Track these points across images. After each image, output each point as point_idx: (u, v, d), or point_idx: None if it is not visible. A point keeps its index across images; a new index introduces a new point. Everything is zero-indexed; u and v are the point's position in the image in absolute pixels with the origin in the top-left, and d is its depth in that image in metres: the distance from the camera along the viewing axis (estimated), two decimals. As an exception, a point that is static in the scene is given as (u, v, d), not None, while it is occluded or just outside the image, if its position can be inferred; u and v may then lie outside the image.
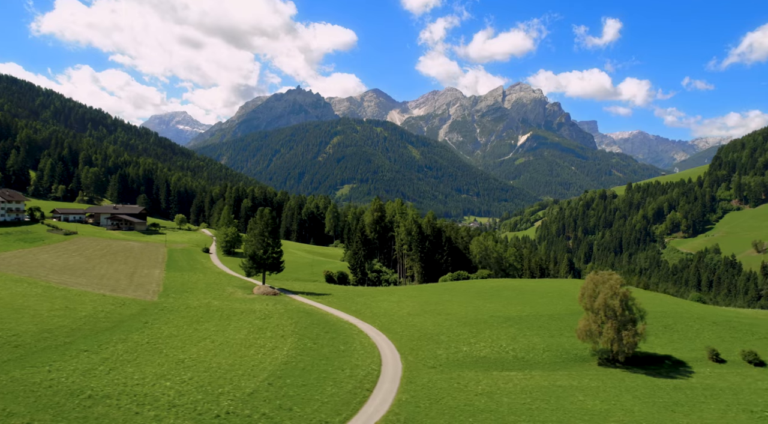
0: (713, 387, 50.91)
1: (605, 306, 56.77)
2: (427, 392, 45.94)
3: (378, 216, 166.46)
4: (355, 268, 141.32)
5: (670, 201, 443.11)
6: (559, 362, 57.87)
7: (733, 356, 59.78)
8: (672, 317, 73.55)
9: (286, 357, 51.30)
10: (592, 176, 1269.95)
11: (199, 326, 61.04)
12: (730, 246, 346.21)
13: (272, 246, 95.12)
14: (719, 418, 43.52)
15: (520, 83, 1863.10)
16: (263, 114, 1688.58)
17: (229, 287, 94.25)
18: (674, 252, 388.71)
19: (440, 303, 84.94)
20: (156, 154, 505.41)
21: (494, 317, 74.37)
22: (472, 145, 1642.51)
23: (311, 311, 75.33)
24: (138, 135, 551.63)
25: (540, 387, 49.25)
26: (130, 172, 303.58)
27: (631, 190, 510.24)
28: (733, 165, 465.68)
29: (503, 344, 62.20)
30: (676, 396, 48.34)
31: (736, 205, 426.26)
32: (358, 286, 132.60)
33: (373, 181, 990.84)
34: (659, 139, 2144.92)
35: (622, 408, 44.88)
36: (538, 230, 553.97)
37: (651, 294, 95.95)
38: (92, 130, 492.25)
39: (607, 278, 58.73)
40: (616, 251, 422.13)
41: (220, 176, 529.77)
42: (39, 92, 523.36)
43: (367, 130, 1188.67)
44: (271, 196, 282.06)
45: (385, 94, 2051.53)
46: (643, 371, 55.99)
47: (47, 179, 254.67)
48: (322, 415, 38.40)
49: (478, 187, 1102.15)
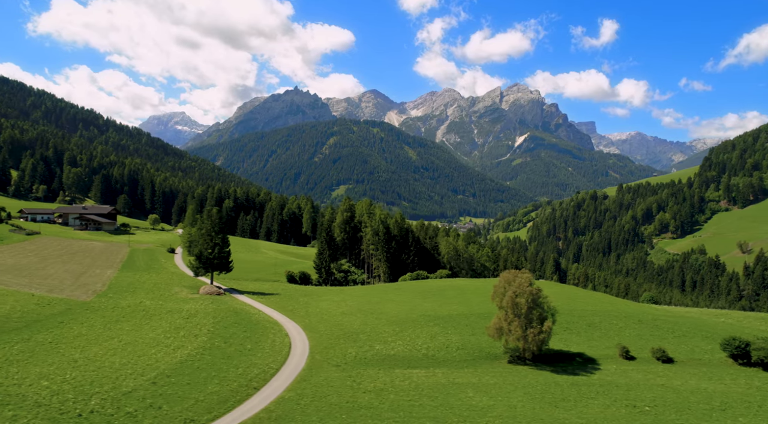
0: (610, 383, 51.32)
1: (513, 304, 57.19)
2: (315, 390, 46.31)
3: (348, 216, 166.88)
4: (320, 268, 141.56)
5: (659, 202, 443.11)
6: (469, 360, 58.26)
7: (644, 353, 60.19)
8: (600, 315, 73.91)
9: (185, 356, 51.69)
10: (589, 177, 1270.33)
11: (115, 325, 61.45)
12: (717, 247, 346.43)
13: (220, 246, 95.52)
14: (599, 412, 43.93)
15: (517, 84, 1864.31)
16: (261, 115, 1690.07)
17: (177, 287, 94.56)
18: (662, 253, 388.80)
19: (380, 303, 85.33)
20: (148, 154, 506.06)
21: (425, 315, 74.76)
22: (470, 146, 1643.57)
23: (242, 310, 75.72)
24: (130, 135, 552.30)
25: (435, 384, 49.60)
26: (114, 173, 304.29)
27: (621, 190, 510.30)
28: (723, 166, 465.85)
29: (419, 342, 62.59)
30: (568, 392, 48.71)
31: (724, 206, 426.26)
32: (321, 286, 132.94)
33: (369, 182, 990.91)
34: (657, 140, 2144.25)
35: (507, 404, 45.24)
36: (529, 230, 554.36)
37: (589, 293, 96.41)
38: (83, 131, 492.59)
39: (516, 276, 59.11)
40: (604, 252, 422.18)
41: (212, 177, 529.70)
42: (30, 92, 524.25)
43: (363, 131, 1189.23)
44: (253, 197, 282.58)
45: (383, 95, 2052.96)
46: (550, 368, 56.38)
47: (28, 179, 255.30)
48: (190, 413, 38.71)
49: (475, 188, 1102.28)
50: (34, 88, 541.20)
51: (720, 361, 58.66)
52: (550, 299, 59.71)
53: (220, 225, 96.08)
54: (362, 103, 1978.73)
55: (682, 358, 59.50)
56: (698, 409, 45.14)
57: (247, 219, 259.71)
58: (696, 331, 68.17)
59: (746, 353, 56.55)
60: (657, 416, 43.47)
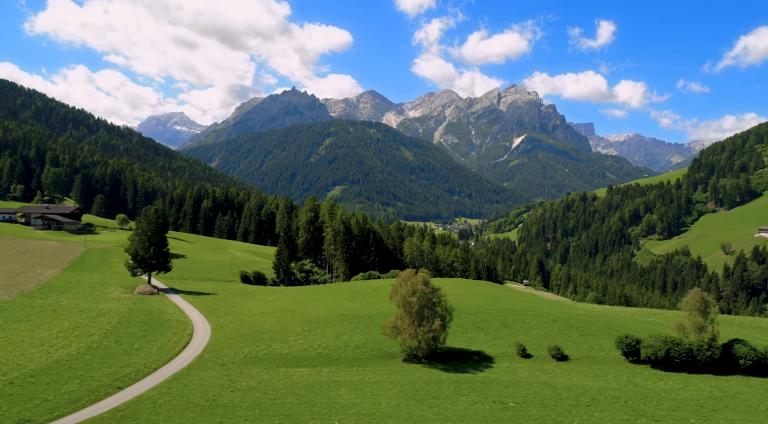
0: (493, 380, 51.20)
1: (405, 303, 57.13)
2: (182, 389, 46.12)
3: (311, 217, 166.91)
4: (278, 268, 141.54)
5: (646, 203, 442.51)
6: (363, 359, 58.09)
7: (542, 351, 60.04)
8: (516, 314, 73.73)
9: (64, 356, 51.55)
10: (585, 179, 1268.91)
11: (11, 325, 61.36)
12: (701, 248, 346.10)
13: (156, 246, 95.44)
14: (463, 409, 43.82)
15: (515, 86, 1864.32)
16: (258, 115, 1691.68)
17: (114, 286, 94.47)
18: (647, 254, 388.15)
19: (309, 303, 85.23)
20: (138, 154, 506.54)
21: (343, 315, 74.62)
22: (467, 147, 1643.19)
23: (159, 310, 75.58)
24: (121, 135, 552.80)
25: (312, 383, 49.35)
26: (96, 173, 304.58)
27: (611, 191, 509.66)
28: (712, 168, 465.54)
29: (321, 341, 62.44)
30: (444, 390, 48.57)
31: (711, 207, 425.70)
32: (277, 286, 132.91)
33: (365, 183, 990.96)
34: (656, 142, 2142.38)
35: (373, 402, 45.03)
36: (519, 231, 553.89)
37: (519, 293, 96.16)
38: (73, 131, 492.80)
39: (411, 275, 59.00)
40: (591, 253, 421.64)
41: (203, 177, 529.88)
42: (21, 92, 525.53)
43: (360, 132, 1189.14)
44: (232, 197, 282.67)
45: (381, 96, 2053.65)
46: (442, 366, 56.22)
47: (6, 179, 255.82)
48: (29, 414, 38.35)
49: (471, 188, 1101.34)
50: (25, 87, 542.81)
51: (614, 358, 58.50)
52: (476, 300, 59.55)
53: (158, 225, 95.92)
54: (360, 104, 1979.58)
55: (579, 356, 59.34)
56: (564, 405, 45.03)
57: (225, 219, 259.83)
58: (606, 330, 67.97)
59: (636, 350, 56.39)
60: (519, 411, 43.38)
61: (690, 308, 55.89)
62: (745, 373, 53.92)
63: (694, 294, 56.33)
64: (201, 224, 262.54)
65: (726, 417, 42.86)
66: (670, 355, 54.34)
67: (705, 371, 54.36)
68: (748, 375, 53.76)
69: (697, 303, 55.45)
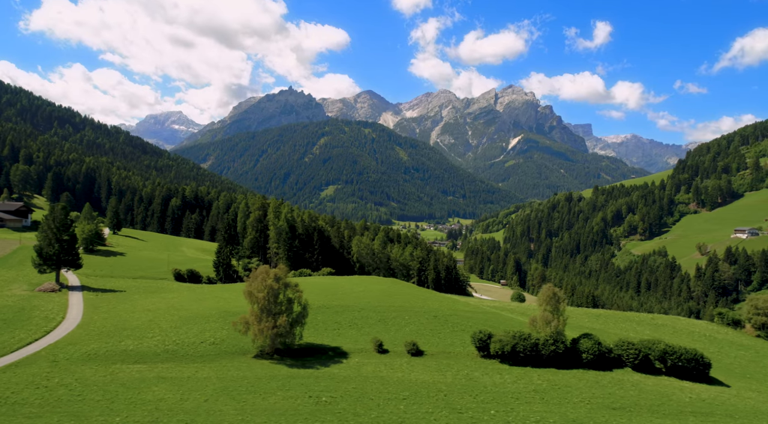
0: (330, 376, 50.20)
1: (253, 298, 56.18)
2: None
3: (260, 214, 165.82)
4: (218, 266, 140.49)
5: (629, 204, 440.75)
6: (213, 355, 56.96)
7: (400, 347, 58.98)
8: (399, 311, 72.50)
9: None
10: (581, 179, 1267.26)
11: None
12: (679, 249, 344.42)
13: (63, 242, 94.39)
14: (272, 404, 42.55)
15: (512, 86, 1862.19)
16: (254, 114, 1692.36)
17: (22, 283, 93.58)
18: (627, 255, 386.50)
19: (205, 300, 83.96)
20: (124, 153, 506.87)
21: (224, 311, 73.36)
22: (464, 147, 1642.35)
23: (35, 306, 74.29)
24: (107, 134, 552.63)
25: (133, 379, 48.07)
26: (67, 171, 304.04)
27: (596, 192, 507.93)
28: (697, 169, 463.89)
29: (179, 338, 61.29)
30: (268, 385, 47.26)
31: (693, 208, 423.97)
32: (214, 284, 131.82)
33: (358, 183, 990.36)
34: (653, 143, 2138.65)
35: (183, 397, 43.64)
36: (505, 231, 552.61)
37: (420, 291, 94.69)
38: (58, 129, 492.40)
39: (264, 272, 57.98)
40: (572, 253, 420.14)
41: (189, 176, 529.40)
42: (8, 90, 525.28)
43: (355, 132, 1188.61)
44: (202, 196, 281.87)
45: (378, 96, 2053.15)
46: (290, 362, 55.16)
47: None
48: None
49: (465, 189, 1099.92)
50: (11, 85, 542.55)
51: (468, 354, 57.39)
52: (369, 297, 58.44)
53: (64, 223, 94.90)
54: (357, 104, 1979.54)
55: (435, 351, 58.23)
56: (379, 399, 43.90)
57: (193, 218, 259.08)
58: (482, 326, 66.59)
59: (487, 345, 55.34)
60: (327, 406, 42.25)
61: (541, 303, 54.80)
62: (587, 367, 52.84)
63: (546, 289, 55.25)
64: (169, 223, 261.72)
65: (530, 409, 41.72)
66: (516, 349, 53.25)
67: (549, 365, 53.25)
68: (590, 369, 52.64)
69: (549, 297, 54.34)
